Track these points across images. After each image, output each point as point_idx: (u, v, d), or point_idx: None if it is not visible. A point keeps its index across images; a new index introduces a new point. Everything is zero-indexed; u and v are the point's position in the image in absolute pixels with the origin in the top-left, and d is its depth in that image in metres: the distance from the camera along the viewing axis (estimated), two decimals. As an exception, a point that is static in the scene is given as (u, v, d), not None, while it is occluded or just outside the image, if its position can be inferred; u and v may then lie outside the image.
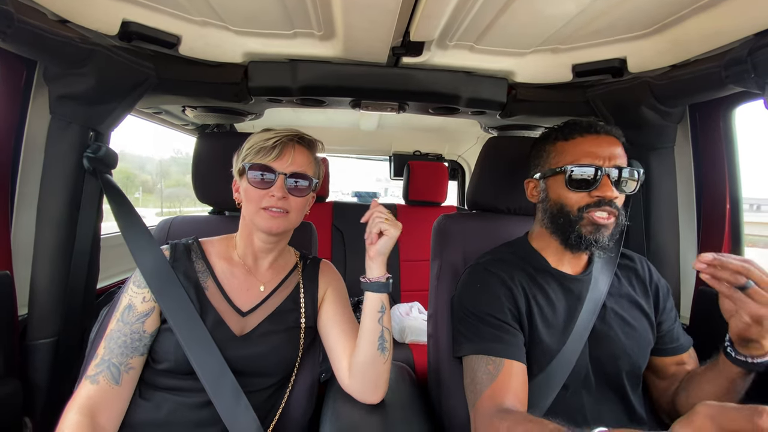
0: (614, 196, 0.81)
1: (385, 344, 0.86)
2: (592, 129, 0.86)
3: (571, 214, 0.84)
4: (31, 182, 0.95)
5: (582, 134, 0.86)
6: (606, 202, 0.81)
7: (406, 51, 0.99)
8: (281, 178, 0.82)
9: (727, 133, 1.09)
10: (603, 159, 0.82)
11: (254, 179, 0.83)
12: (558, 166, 0.86)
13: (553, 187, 0.87)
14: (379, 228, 0.82)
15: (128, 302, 0.83)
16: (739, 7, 0.74)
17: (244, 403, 0.79)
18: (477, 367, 0.80)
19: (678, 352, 0.89)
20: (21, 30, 0.72)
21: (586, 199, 0.83)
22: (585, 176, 0.82)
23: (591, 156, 0.83)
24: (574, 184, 0.83)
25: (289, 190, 0.83)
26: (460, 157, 2.81)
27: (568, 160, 0.85)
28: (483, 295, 0.86)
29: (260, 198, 0.83)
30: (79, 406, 0.74)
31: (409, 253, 2.19)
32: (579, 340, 0.83)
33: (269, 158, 0.83)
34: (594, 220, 0.81)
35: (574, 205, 0.84)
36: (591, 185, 0.82)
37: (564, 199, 0.85)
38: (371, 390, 0.88)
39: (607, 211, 0.81)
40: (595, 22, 0.87)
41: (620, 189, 0.83)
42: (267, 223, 0.83)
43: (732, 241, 1.10)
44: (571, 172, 0.83)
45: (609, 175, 0.81)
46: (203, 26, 0.95)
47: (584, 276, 0.90)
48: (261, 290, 0.91)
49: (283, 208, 0.83)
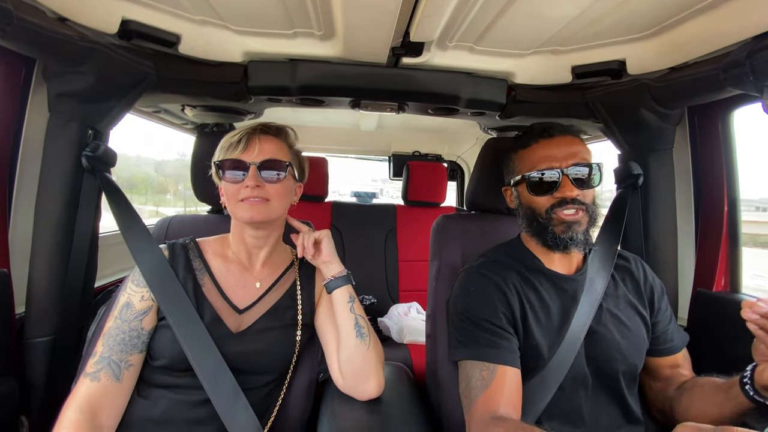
0: (574, 194, 0.84)
1: (362, 330, 0.88)
2: (545, 133, 0.89)
3: (540, 217, 0.87)
4: (29, 180, 0.95)
5: (536, 140, 0.90)
6: (569, 201, 0.84)
7: (406, 51, 0.99)
8: (252, 168, 0.83)
9: (726, 135, 1.09)
10: (560, 160, 0.85)
11: (228, 175, 0.84)
12: (520, 174, 0.90)
13: (523, 194, 0.92)
14: (313, 240, 0.89)
15: (126, 300, 0.83)
16: (738, 10, 0.74)
17: (242, 402, 0.79)
18: (471, 373, 0.81)
19: (672, 352, 0.90)
20: (20, 27, 0.71)
21: (550, 201, 0.86)
22: (545, 180, 0.86)
23: (548, 160, 0.86)
24: (535, 189, 0.87)
25: (264, 179, 0.84)
26: (459, 158, 2.82)
27: (528, 167, 0.89)
28: (477, 299, 0.87)
29: (236, 191, 0.84)
30: (78, 404, 0.74)
31: (407, 253, 2.20)
32: (575, 340, 0.83)
33: (237, 152, 0.84)
34: (562, 218, 0.85)
35: (542, 208, 0.87)
36: (552, 188, 0.85)
37: (532, 203, 0.89)
38: (362, 381, 0.88)
39: (574, 209, 0.84)
40: (594, 24, 0.87)
41: (586, 185, 0.85)
42: (247, 213, 0.83)
43: (729, 243, 1.11)
44: (530, 178, 0.88)
45: (568, 176, 0.84)
46: (203, 25, 0.95)
47: (579, 276, 0.90)
48: (257, 287, 0.91)
49: (260, 196, 0.83)
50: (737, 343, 1.02)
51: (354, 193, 3.66)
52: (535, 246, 0.93)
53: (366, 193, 3.58)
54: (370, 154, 3.04)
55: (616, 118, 1.13)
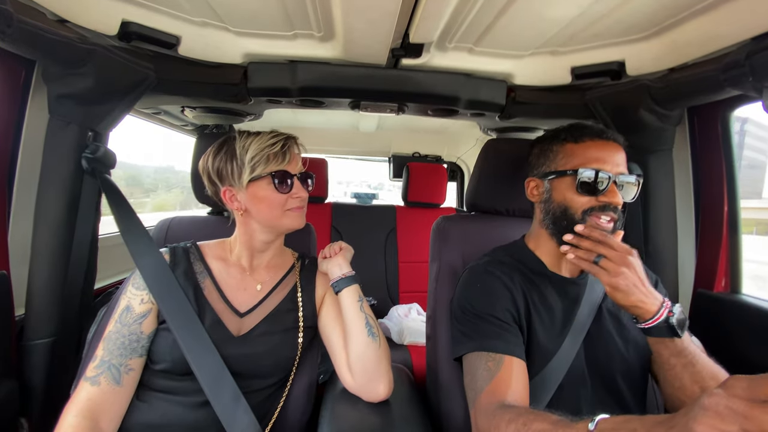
0: (620, 202, 0.82)
1: (372, 330, 0.89)
2: (603, 134, 0.86)
3: (575, 217, 0.84)
4: (29, 182, 0.95)
5: (592, 138, 0.86)
6: (611, 208, 0.82)
7: (406, 52, 0.99)
8: (296, 179, 0.89)
9: (725, 135, 1.09)
10: (611, 165, 0.83)
11: (278, 185, 0.87)
12: (567, 168, 0.86)
13: (559, 189, 0.87)
14: (339, 246, 0.98)
15: (126, 304, 0.83)
16: (737, 11, 0.74)
17: (243, 406, 0.79)
18: (477, 365, 0.79)
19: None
20: (20, 30, 0.71)
21: (591, 203, 0.83)
22: (595, 180, 0.82)
23: (600, 161, 0.83)
24: (583, 187, 0.83)
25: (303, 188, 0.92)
26: (459, 159, 2.82)
27: (577, 163, 0.84)
28: (483, 294, 0.86)
29: (284, 201, 0.88)
30: (78, 408, 0.73)
31: (408, 254, 2.19)
32: (575, 341, 0.83)
33: (284, 163, 0.88)
34: (597, 224, 0.82)
35: (579, 209, 0.84)
36: (599, 190, 0.82)
37: (569, 201, 0.85)
38: (374, 381, 0.88)
39: (610, 216, 0.82)
40: (594, 25, 0.88)
41: (626, 196, 0.84)
42: (297, 221, 0.91)
43: (730, 244, 1.11)
44: (580, 175, 0.83)
45: (616, 182, 0.82)
46: (203, 27, 0.95)
47: (580, 279, 0.90)
48: (258, 289, 0.91)
49: (303, 205, 0.92)
50: (738, 344, 1.02)
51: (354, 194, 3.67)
52: (541, 247, 0.92)
53: (366, 194, 3.59)
54: (370, 156, 3.05)
55: (616, 119, 1.13)
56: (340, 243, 1.00)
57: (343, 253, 0.97)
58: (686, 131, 1.15)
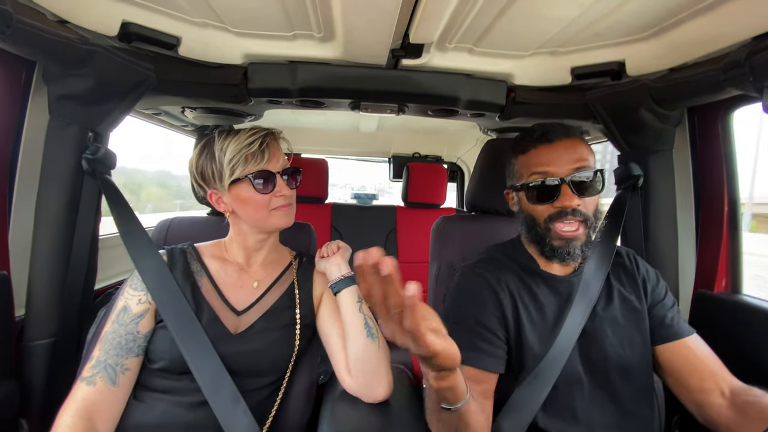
0: (575, 204, 0.80)
1: (372, 330, 0.88)
2: (544, 138, 0.85)
3: (539, 227, 0.85)
4: (29, 183, 0.95)
5: (535, 145, 0.86)
6: (569, 212, 0.81)
7: (406, 53, 0.99)
8: (278, 177, 0.87)
9: (726, 135, 1.09)
10: (560, 166, 0.82)
11: (258, 186, 0.85)
12: (520, 182, 0.88)
13: (523, 200, 0.89)
14: (337, 245, 0.98)
15: (124, 304, 0.83)
16: (738, 11, 0.74)
17: (241, 406, 0.79)
18: None
19: (674, 337, 0.85)
20: (20, 30, 0.72)
21: (549, 210, 0.83)
22: (543, 189, 0.82)
23: (546, 165, 0.82)
24: (535, 197, 0.84)
25: (287, 185, 0.89)
26: (459, 159, 2.82)
27: (526, 174, 0.85)
28: (468, 299, 0.87)
29: (268, 201, 0.86)
30: (74, 408, 0.73)
31: (407, 254, 2.19)
32: (568, 341, 0.83)
33: (264, 162, 0.85)
34: (560, 234, 0.81)
35: (540, 217, 0.85)
36: (552, 197, 0.82)
37: (532, 211, 0.86)
38: (374, 382, 0.87)
39: (571, 221, 0.81)
40: (594, 25, 0.87)
41: (588, 192, 0.82)
42: (284, 220, 0.89)
43: (730, 244, 1.11)
44: (529, 187, 0.84)
45: (569, 184, 0.80)
46: (203, 27, 0.95)
47: (573, 277, 0.90)
48: (254, 286, 0.91)
49: (290, 202, 0.89)
50: (739, 345, 1.02)
51: (354, 195, 3.67)
52: (532, 248, 0.93)
53: (366, 195, 3.59)
54: (370, 156, 3.05)
55: (616, 119, 1.12)
56: (337, 242, 0.99)
57: (341, 253, 0.97)
58: (686, 131, 1.15)
